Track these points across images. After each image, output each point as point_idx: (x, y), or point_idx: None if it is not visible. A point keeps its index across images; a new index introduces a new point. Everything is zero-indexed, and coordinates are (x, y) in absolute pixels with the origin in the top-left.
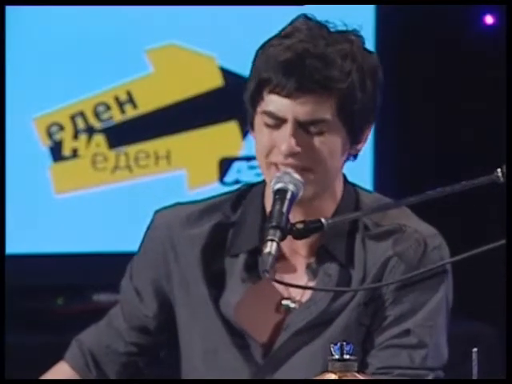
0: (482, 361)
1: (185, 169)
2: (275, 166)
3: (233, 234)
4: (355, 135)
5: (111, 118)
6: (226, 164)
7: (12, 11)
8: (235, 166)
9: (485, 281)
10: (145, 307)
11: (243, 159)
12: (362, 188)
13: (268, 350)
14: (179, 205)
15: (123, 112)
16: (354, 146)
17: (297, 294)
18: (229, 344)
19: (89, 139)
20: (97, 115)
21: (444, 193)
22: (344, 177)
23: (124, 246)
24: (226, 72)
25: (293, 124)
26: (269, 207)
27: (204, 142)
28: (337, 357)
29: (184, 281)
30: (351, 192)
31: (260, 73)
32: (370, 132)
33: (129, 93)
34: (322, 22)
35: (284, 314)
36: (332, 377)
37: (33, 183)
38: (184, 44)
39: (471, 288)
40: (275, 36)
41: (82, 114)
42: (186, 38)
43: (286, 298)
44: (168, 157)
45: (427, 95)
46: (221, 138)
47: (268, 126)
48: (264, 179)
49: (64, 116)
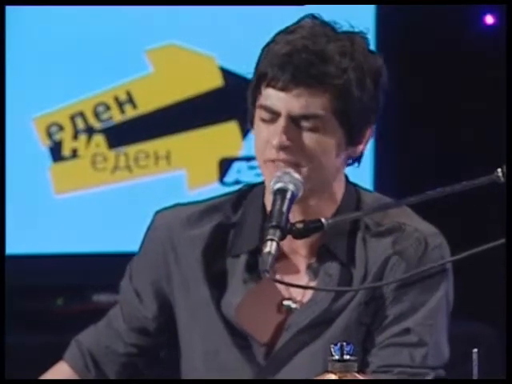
0: (482, 361)
1: (185, 169)
2: (272, 163)
3: (233, 235)
4: (353, 135)
5: (111, 118)
6: (226, 164)
7: (12, 11)
8: (235, 166)
9: (485, 281)
10: (144, 308)
11: (243, 159)
12: (363, 188)
13: (270, 351)
14: (179, 205)
15: (123, 112)
16: (353, 148)
17: (298, 295)
18: (230, 345)
19: (88, 139)
20: (96, 115)
21: (444, 193)
22: (346, 178)
23: (124, 247)
24: (226, 72)
25: (286, 118)
26: (269, 207)
27: (204, 142)
28: (337, 357)
29: (184, 282)
30: (352, 193)
31: (260, 68)
32: (371, 134)
33: (128, 93)
34: (329, 22)
35: (285, 315)
36: (332, 377)
37: (32, 183)
38: (184, 44)
39: (471, 288)
40: (280, 32)
41: (82, 114)
42: (186, 38)
43: (288, 299)
44: (168, 157)
45: (427, 95)
46: (221, 138)
47: (264, 121)
48: (264, 180)
49: (64, 116)
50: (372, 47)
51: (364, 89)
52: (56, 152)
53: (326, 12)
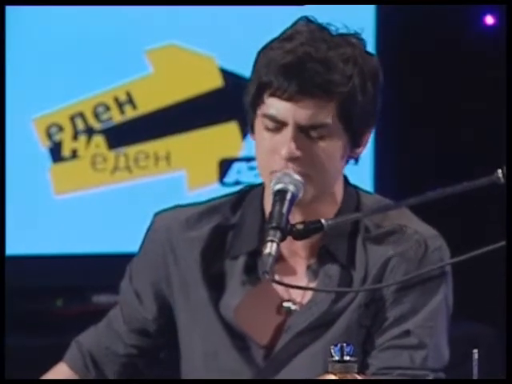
0: (482, 362)
1: (184, 170)
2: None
3: (232, 236)
4: (355, 139)
5: (111, 119)
6: (226, 165)
7: (12, 11)
8: (235, 167)
9: (484, 282)
10: (144, 310)
11: (243, 160)
12: (363, 190)
13: (269, 352)
14: (179, 207)
15: (123, 113)
16: (354, 150)
17: (297, 296)
18: (229, 346)
19: (88, 140)
20: (96, 116)
21: (444, 194)
22: (345, 179)
23: (124, 247)
24: (226, 72)
25: (293, 128)
26: (268, 209)
27: (204, 143)
28: (337, 358)
29: (184, 284)
30: (352, 194)
31: (260, 76)
32: (370, 135)
33: (128, 93)
34: (324, 25)
35: (285, 316)
36: (332, 378)
37: (32, 184)
38: (184, 44)
39: (471, 289)
40: (276, 38)
41: (82, 115)
42: (186, 39)
43: (287, 300)
44: (168, 157)
45: (427, 95)
46: (221, 139)
47: (268, 130)
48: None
49: (63, 117)
50: (371, 47)
51: (366, 93)
52: (56, 153)
53: (326, 12)
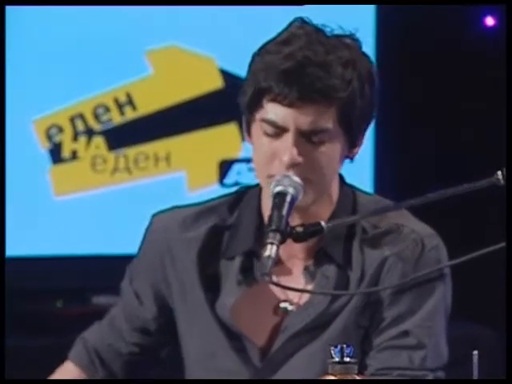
0: (482, 363)
1: (184, 171)
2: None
3: (229, 237)
4: (354, 140)
5: (111, 120)
6: (226, 166)
7: (12, 11)
8: (235, 168)
9: (484, 283)
10: (144, 310)
11: (243, 161)
12: (360, 189)
13: (266, 353)
14: (177, 208)
15: (123, 114)
16: (352, 150)
17: (294, 297)
18: (227, 347)
19: (88, 141)
20: (96, 117)
21: (444, 195)
22: (341, 178)
23: (123, 249)
24: (226, 74)
25: (294, 134)
26: (265, 210)
27: (204, 144)
28: (337, 359)
29: (181, 284)
30: (348, 194)
31: (259, 81)
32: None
33: (128, 94)
34: (319, 26)
35: (282, 317)
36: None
37: (32, 185)
38: (184, 45)
39: (471, 290)
40: (271, 41)
41: (82, 116)
42: (186, 40)
43: (284, 301)
44: (168, 159)
45: (427, 95)
46: (220, 140)
47: (268, 135)
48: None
49: (63, 118)
50: (372, 47)
51: (364, 96)
52: (56, 154)
53: (326, 12)
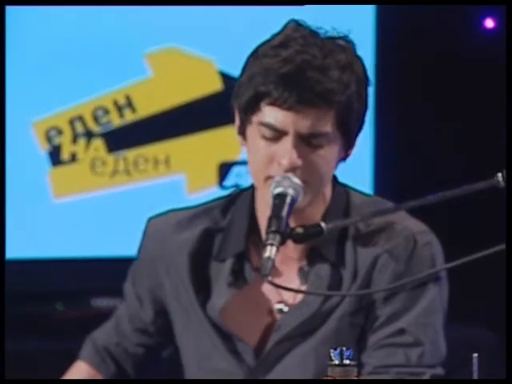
0: (482, 366)
1: (184, 173)
2: (272, 179)
3: (221, 239)
4: (350, 142)
5: (110, 122)
6: (226, 168)
7: (12, 11)
8: (234, 170)
9: (484, 285)
10: (144, 313)
11: (242, 163)
12: (354, 189)
13: (260, 353)
14: (172, 211)
15: (122, 116)
16: (347, 151)
17: (289, 298)
18: (221, 348)
19: (87, 143)
20: (96, 119)
21: (444, 197)
22: (334, 178)
23: (123, 251)
24: (226, 76)
25: (294, 137)
26: (259, 211)
27: (203, 147)
28: (337, 362)
29: (175, 287)
30: (341, 193)
31: (257, 85)
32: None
33: (128, 97)
34: (313, 29)
35: (275, 317)
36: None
37: (32, 188)
38: (183, 48)
39: (471, 292)
40: (266, 44)
41: (81, 118)
42: (185, 42)
43: (279, 302)
44: (167, 161)
45: (427, 95)
46: (220, 142)
47: (265, 139)
48: (253, 184)
49: (63, 120)
50: (372, 47)
51: (361, 99)
52: (55, 156)
53: (326, 12)
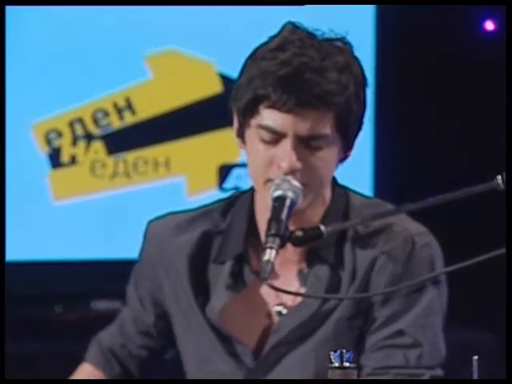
0: (481, 366)
1: (184, 175)
2: (272, 182)
3: (221, 242)
4: (349, 144)
5: (110, 125)
6: (226, 170)
7: (12, 11)
8: (234, 173)
9: (484, 287)
10: (146, 315)
11: (242, 165)
12: (354, 191)
13: (259, 355)
14: (171, 214)
15: (122, 118)
16: (346, 153)
17: (288, 300)
18: (220, 351)
19: (87, 146)
20: (95, 122)
21: (444, 200)
22: (333, 179)
23: (122, 254)
24: (225, 78)
25: (293, 139)
26: (259, 214)
27: (203, 149)
28: (337, 364)
29: (174, 290)
30: (341, 195)
31: (256, 88)
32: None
33: (127, 99)
34: (311, 31)
35: (274, 319)
36: None
37: (31, 190)
38: (183, 50)
39: (471, 294)
40: (263, 46)
41: (81, 121)
42: (185, 43)
43: (279, 304)
44: (167, 163)
45: (427, 95)
46: (220, 145)
47: (264, 142)
48: (253, 186)
49: (62, 122)
50: (372, 47)
51: (359, 99)
52: (55, 158)
53: (326, 12)
